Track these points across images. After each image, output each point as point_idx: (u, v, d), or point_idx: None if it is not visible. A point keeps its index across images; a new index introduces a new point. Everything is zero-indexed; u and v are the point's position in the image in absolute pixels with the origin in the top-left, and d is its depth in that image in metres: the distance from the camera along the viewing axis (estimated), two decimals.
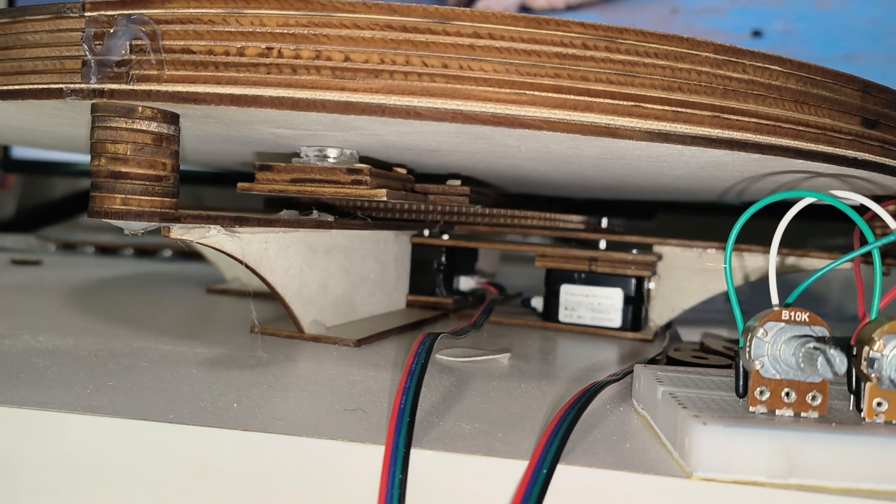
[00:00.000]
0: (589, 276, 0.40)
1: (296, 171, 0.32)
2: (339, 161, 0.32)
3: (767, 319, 0.21)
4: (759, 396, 0.21)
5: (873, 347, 0.20)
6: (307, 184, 0.32)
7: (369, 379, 0.28)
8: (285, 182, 0.32)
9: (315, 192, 0.32)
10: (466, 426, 0.23)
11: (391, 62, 0.22)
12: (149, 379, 0.26)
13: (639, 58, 0.23)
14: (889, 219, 0.22)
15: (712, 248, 0.41)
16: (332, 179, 0.32)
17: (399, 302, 0.42)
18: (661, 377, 0.24)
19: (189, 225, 0.26)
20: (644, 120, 0.23)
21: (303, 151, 0.33)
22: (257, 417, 0.22)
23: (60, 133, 0.35)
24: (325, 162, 0.32)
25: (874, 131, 0.27)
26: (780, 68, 0.24)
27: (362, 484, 0.20)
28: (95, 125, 0.24)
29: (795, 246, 0.39)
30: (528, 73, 0.22)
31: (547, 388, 0.28)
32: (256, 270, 0.30)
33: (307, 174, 0.32)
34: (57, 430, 0.22)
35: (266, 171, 0.32)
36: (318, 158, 0.32)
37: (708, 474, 0.19)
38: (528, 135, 0.24)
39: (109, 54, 0.23)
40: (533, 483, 0.19)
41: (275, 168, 0.32)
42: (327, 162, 0.32)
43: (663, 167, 0.30)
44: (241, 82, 0.22)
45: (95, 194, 0.24)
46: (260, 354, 0.31)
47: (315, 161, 0.32)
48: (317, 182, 0.32)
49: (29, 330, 0.33)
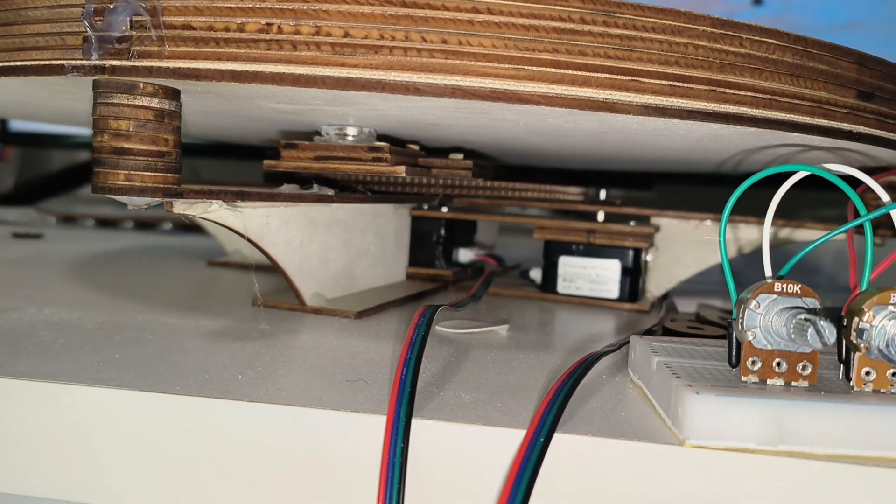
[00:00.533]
0: (587, 248, 0.41)
1: (319, 149, 0.34)
2: (359, 139, 0.34)
3: (760, 291, 0.22)
4: (751, 366, 0.21)
5: (863, 318, 0.21)
6: (330, 161, 0.34)
7: (370, 350, 0.28)
8: (309, 159, 0.34)
9: (338, 169, 0.34)
10: (466, 396, 0.23)
11: (390, 38, 0.22)
12: (154, 351, 0.27)
13: (636, 32, 0.23)
14: (881, 191, 0.23)
15: (709, 219, 0.41)
16: (354, 157, 0.33)
17: (399, 274, 0.43)
18: (656, 348, 0.25)
19: (191, 200, 0.26)
20: (641, 94, 0.23)
21: (323, 130, 0.34)
22: (262, 388, 0.23)
23: (62, 107, 0.35)
24: (346, 140, 0.33)
25: (869, 104, 0.27)
26: (777, 41, 0.24)
27: (365, 453, 0.21)
28: (97, 101, 0.24)
29: (790, 217, 0.40)
30: (527, 48, 0.22)
31: (545, 358, 0.29)
32: (258, 244, 0.31)
33: (330, 152, 0.34)
34: (67, 402, 0.22)
35: (291, 149, 0.34)
36: (339, 137, 0.34)
37: (700, 442, 0.20)
38: (526, 109, 0.24)
39: (110, 30, 0.23)
40: (530, 451, 0.20)
41: (299, 146, 0.34)
42: (347, 140, 0.33)
43: (660, 140, 0.31)
44: (241, 58, 0.23)
45: (99, 170, 0.24)
46: (263, 327, 0.31)
47: (336, 139, 0.34)
48: (339, 159, 0.34)
49: (34, 303, 0.34)
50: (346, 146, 0.34)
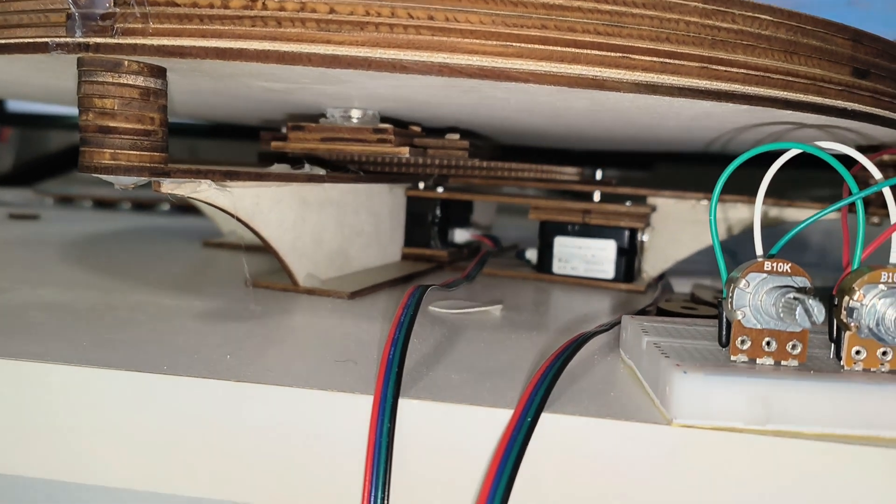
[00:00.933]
0: (582, 228, 0.40)
1: (325, 130, 0.34)
2: (363, 121, 0.34)
3: (750, 270, 0.21)
4: (741, 346, 0.21)
5: (853, 297, 0.21)
6: (336, 142, 0.34)
7: (362, 331, 0.28)
8: (316, 141, 0.34)
9: (343, 150, 0.34)
10: (455, 376, 0.23)
11: (376, 14, 0.22)
12: (145, 332, 0.27)
13: (626, 8, 0.22)
14: (874, 169, 0.22)
15: (706, 199, 0.41)
16: (360, 138, 0.34)
17: (394, 254, 0.43)
18: (646, 328, 0.25)
19: (179, 179, 0.26)
20: (631, 71, 0.23)
21: (328, 112, 0.35)
22: (250, 368, 0.23)
23: (52, 86, 0.35)
24: (351, 122, 0.34)
25: (865, 81, 0.27)
26: (770, 17, 0.24)
27: (352, 433, 0.21)
28: (82, 80, 0.24)
29: (783, 195, 0.39)
30: (515, 25, 0.22)
31: (537, 338, 0.29)
32: (249, 224, 0.30)
33: (336, 133, 0.34)
34: (56, 382, 0.22)
35: (298, 130, 0.35)
36: (344, 119, 0.34)
37: (687, 421, 0.20)
38: (515, 87, 0.24)
39: (93, 7, 0.23)
40: (517, 431, 0.20)
41: (306, 128, 0.34)
42: (352, 122, 0.34)
43: (654, 119, 0.30)
44: (226, 35, 0.22)
45: (85, 149, 0.24)
46: (255, 307, 0.31)
47: (341, 121, 0.34)
48: (345, 141, 0.34)
49: (28, 283, 0.34)
50: (351, 128, 0.34)
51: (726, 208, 0.40)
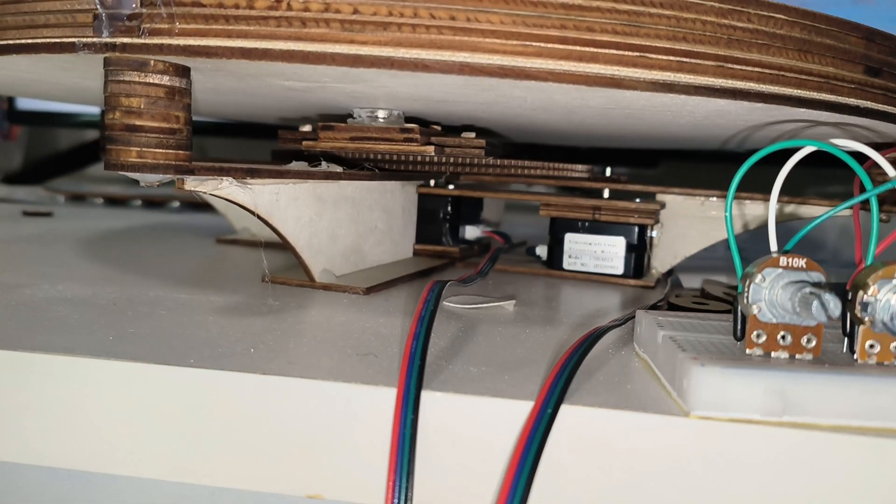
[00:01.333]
0: (592, 225, 0.41)
1: (354, 130, 0.36)
2: (389, 121, 0.36)
3: (765, 265, 0.22)
4: (756, 339, 0.22)
5: (867, 292, 0.21)
6: (365, 142, 0.35)
7: (379, 325, 0.29)
8: (345, 140, 0.36)
9: (371, 149, 0.35)
10: (474, 369, 0.24)
11: (399, 14, 0.22)
12: (167, 325, 0.27)
13: (644, 7, 0.23)
14: (888, 166, 0.23)
15: (715, 196, 0.41)
16: (387, 137, 0.35)
17: (406, 251, 0.43)
18: (661, 322, 0.25)
19: (202, 177, 0.27)
20: (649, 70, 0.23)
21: (356, 112, 0.36)
22: (274, 362, 0.23)
23: (71, 85, 0.35)
24: (377, 122, 0.36)
25: (877, 79, 0.27)
26: (785, 17, 0.24)
27: (376, 424, 0.21)
28: (109, 79, 0.24)
29: (796, 193, 0.40)
30: (535, 25, 0.22)
31: (551, 332, 0.29)
32: (268, 221, 0.31)
33: (364, 133, 0.35)
34: (83, 375, 0.23)
35: (328, 130, 0.36)
36: (371, 119, 0.36)
37: (705, 413, 0.20)
38: (534, 86, 0.24)
39: (120, 8, 0.23)
40: (538, 422, 0.20)
41: (336, 128, 0.36)
42: (379, 122, 0.36)
43: (667, 116, 0.31)
44: (251, 35, 0.23)
45: (111, 147, 0.25)
46: (273, 302, 0.32)
47: (368, 121, 0.36)
48: (373, 140, 0.35)
49: (47, 279, 0.34)
50: (379, 128, 0.35)
51: (740, 205, 0.41)
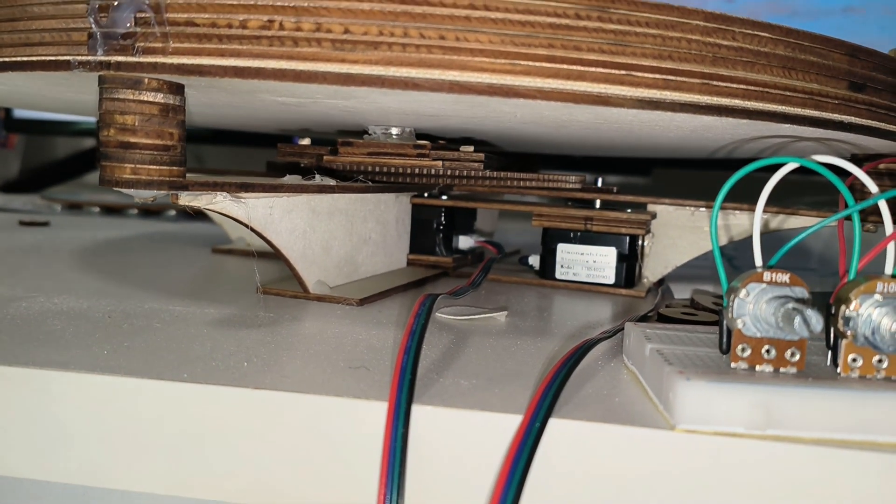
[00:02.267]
0: (584, 235, 0.41)
1: (371, 146, 0.39)
2: (401, 138, 0.40)
3: (749, 280, 0.22)
4: (741, 353, 0.22)
5: (849, 307, 0.22)
6: (381, 157, 0.39)
7: (372, 337, 0.29)
8: (363, 155, 0.39)
9: (387, 164, 0.39)
10: (465, 382, 0.24)
11: (389, 34, 0.23)
12: (162, 339, 0.27)
13: (630, 27, 0.23)
14: (870, 183, 0.23)
15: (704, 206, 0.42)
16: (401, 153, 0.39)
17: (400, 261, 0.44)
18: (649, 334, 0.26)
19: (196, 192, 0.27)
20: (635, 88, 0.24)
21: (371, 129, 0.40)
22: (267, 376, 0.24)
23: (69, 99, 0.36)
24: (391, 139, 0.39)
25: (861, 94, 0.27)
26: (769, 35, 0.25)
27: (367, 438, 0.22)
28: (103, 96, 0.25)
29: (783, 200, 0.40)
30: (523, 44, 0.23)
31: (542, 344, 0.30)
32: (262, 234, 0.31)
33: (381, 149, 0.39)
34: (79, 390, 0.23)
35: (347, 146, 0.40)
36: (385, 136, 0.40)
37: (690, 426, 0.21)
38: (522, 103, 0.25)
39: (115, 27, 0.24)
40: (527, 436, 0.20)
41: (355, 144, 0.40)
42: (392, 139, 0.39)
43: (655, 130, 0.31)
44: (244, 54, 0.23)
45: (106, 164, 0.25)
46: (267, 314, 0.32)
47: (383, 138, 0.40)
48: (389, 155, 0.39)
49: (43, 292, 0.34)
50: (394, 144, 0.39)
51: (726, 216, 0.41)
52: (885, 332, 0.21)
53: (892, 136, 0.30)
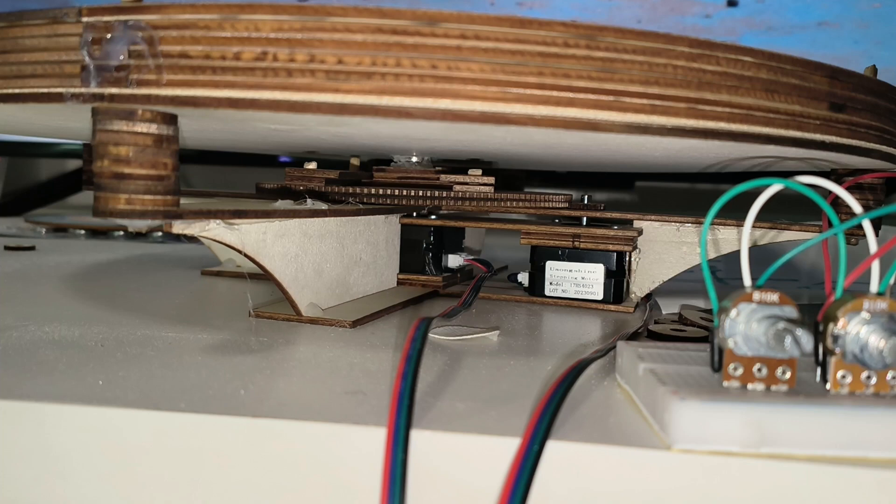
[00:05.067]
0: (572, 252, 0.42)
1: (400, 171, 0.45)
2: (423, 164, 0.46)
3: (740, 300, 0.23)
4: (733, 372, 0.23)
5: (837, 325, 0.22)
6: (409, 180, 0.45)
7: (367, 361, 0.29)
8: (394, 178, 0.45)
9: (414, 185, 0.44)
10: (461, 405, 0.24)
11: (382, 64, 0.23)
12: (157, 367, 0.27)
13: (618, 54, 0.24)
14: (854, 203, 0.24)
15: (689, 223, 0.42)
16: (426, 177, 0.44)
17: (390, 281, 0.44)
18: (642, 353, 0.26)
19: (190, 220, 0.27)
20: (624, 113, 0.24)
21: (395, 157, 0.46)
22: (265, 403, 0.24)
23: (58, 126, 0.36)
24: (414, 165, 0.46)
25: (842, 115, 0.28)
26: (752, 59, 0.25)
27: (366, 464, 0.22)
28: (97, 128, 0.25)
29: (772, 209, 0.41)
30: (513, 72, 0.23)
31: (535, 364, 0.30)
32: (255, 259, 0.31)
33: (409, 173, 0.45)
34: (75, 423, 0.23)
35: (380, 172, 0.46)
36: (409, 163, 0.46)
37: (686, 446, 0.21)
38: (514, 129, 0.25)
39: (108, 59, 0.24)
40: (525, 459, 0.21)
41: (387, 169, 0.45)
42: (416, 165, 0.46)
43: (643, 150, 0.32)
44: (238, 86, 0.23)
45: (100, 195, 0.25)
46: (261, 339, 0.32)
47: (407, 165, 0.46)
48: (415, 178, 0.45)
49: (34, 320, 0.34)
50: (419, 169, 0.45)
51: (713, 230, 0.42)
52: (872, 349, 0.22)
53: (872, 153, 0.30)
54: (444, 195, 0.43)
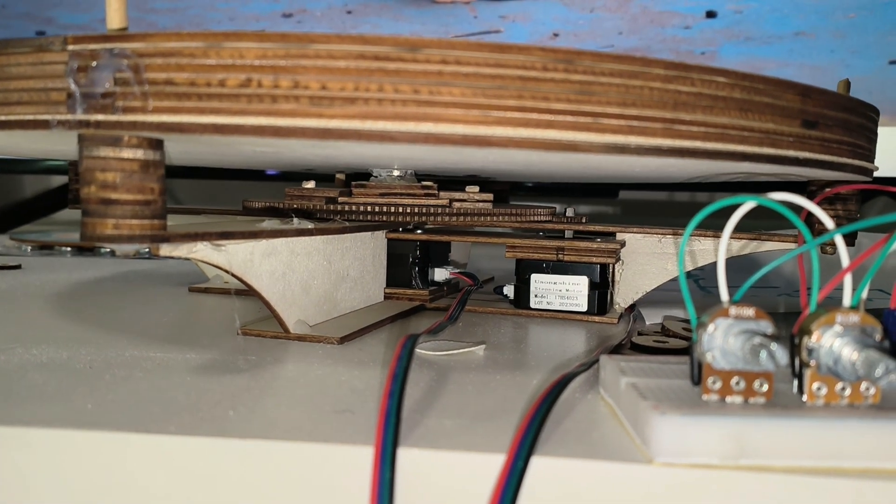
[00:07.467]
0: (557, 265, 0.42)
1: (382, 187, 0.43)
2: (406, 178, 0.44)
3: (717, 316, 0.23)
4: (712, 385, 0.23)
5: (811, 338, 0.23)
6: (392, 197, 0.42)
7: (354, 378, 0.30)
8: (376, 195, 0.43)
9: (398, 203, 0.42)
10: (448, 422, 0.25)
11: (365, 90, 0.23)
12: (146, 390, 0.28)
13: (595, 77, 0.24)
14: (826, 219, 0.25)
15: (670, 234, 0.43)
16: (411, 193, 0.42)
17: (377, 295, 0.44)
18: (624, 368, 0.27)
19: (177, 244, 0.27)
20: (602, 134, 0.25)
21: (375, 171, 0.44)
22: (254, 424, 0.24)
23: (45, 149, 0.36)
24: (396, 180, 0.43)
25: (814, 131, 0.29)
26: (726, 80, 0.26)
27: (354, 483, 0.22)
28: (84, 154, 0.25)
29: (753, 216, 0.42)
30: (494, 96, 0.24)
31: (521, 378, 0.30)
32: (242, 279, 0.32)
33: (391, 190, 0.43)
34: (66, 448, 0.23)
35: (361, 187, 0.43)
36: (391, 178, 0.43)
37: (667, 459, 0.22)
38: (495, 150, 0.26)
39: (94, 87, 0.24)
40: (511, 475, 0.21)
41: (367, 185, 0.43)
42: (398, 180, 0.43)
43: (622, 167, 0.32)
44: (223, 112, 0.24)
45: (87, 220, 0.25)
46: (249, 357, 0.32)
47: (389, 179, 0.43)
48: (399, 195, 0.42)
49: (21, 342, 0.34)
50: (403, 185, 0.42)
51: (692, 242, 0.42)
52: (846, 361, 0.22)
53: (845, 167, 0.31)
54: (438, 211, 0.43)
